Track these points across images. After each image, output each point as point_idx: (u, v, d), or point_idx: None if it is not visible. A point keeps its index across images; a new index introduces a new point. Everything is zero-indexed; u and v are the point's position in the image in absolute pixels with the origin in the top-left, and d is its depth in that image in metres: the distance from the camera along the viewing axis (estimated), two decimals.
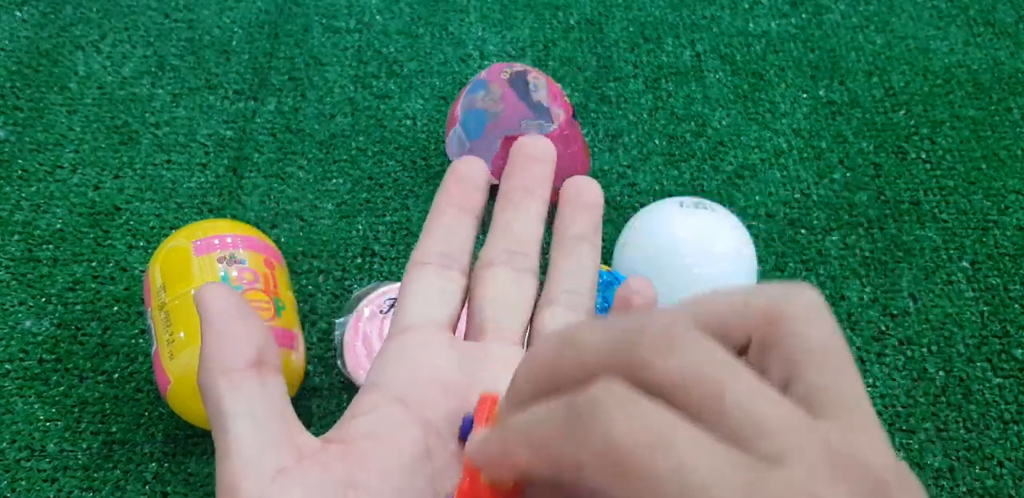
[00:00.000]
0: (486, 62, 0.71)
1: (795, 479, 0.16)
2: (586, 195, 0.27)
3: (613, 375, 0.18)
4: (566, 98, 0.59)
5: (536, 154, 0.28)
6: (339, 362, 0.53)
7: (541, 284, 0.27)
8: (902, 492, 0.17)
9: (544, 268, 0.28)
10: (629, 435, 0.16)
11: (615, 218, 0.62)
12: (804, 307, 0.19)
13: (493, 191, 0.28)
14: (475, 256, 0.27)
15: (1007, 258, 0.61)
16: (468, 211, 0.27)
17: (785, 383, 0.19)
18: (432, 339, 0.24)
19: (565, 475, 0.18)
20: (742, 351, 0.20)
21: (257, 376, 0.21)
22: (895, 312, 0.58)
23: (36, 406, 0.52)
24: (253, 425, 0.20)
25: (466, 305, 0.27)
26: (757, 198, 0.63)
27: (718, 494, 0.16)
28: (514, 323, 0.26)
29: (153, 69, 0.69)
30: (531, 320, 0.26)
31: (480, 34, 0.73)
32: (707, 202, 0.55)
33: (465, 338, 0.26)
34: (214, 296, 0.22)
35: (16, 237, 0.59)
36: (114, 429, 0.51)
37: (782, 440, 0.17)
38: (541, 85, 0.58)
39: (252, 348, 0.21)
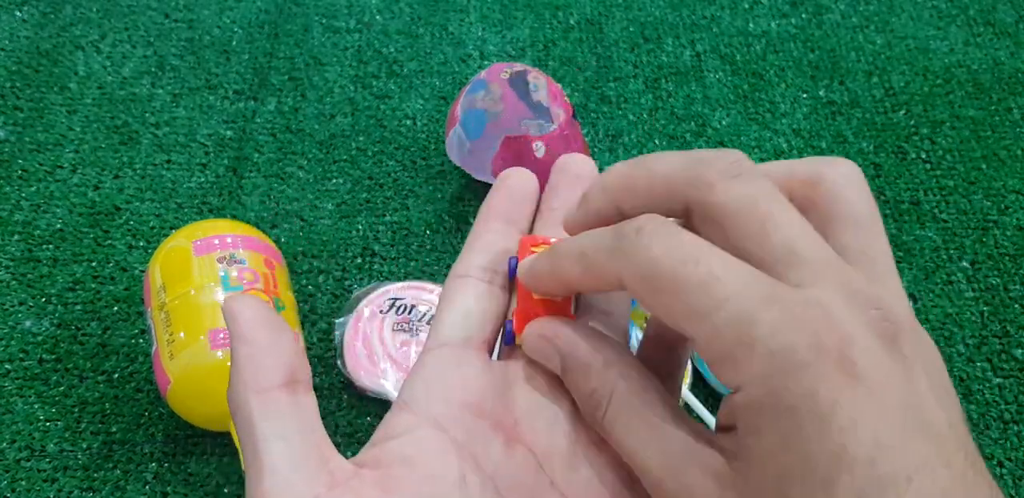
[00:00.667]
0: (486, 62, 0.71)
1: (813, 297, 0.18)
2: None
3: (678, 194, 0.20)
4: (566, 98, 0.59)
5: (581, 173, 0.27)
6: (339, 362, 0.53)
7: None
8: (912, 334, 0.19)
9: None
10: (666, 251, 0.18)
11: None
12: (844, 174, 0.21)
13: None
14: None
15: (1007, 258, 0.61)
16: (514, 225, 0.26)
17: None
18: (468, 358, 0.23)
19: (608, 288, 0.20)
20: None
21: (290, 396, 0.20)
22: None
23: (36, 406, 0.52)
24: (286, 448, 0.20)
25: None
26: None
27: (737, 302, 0.18)
28: None
29: (153, 69, 0.69)
30: None
31: (480, 34, 0.73)
32: None
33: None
34: (245, 308, 0.21)
35: (16, 237, 0.59)
36: (114, 429, 0.51)
37: (811, 270, 0.19)
38: (541, 85, 0.58)
39: (285, 366, 0.21)
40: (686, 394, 0.53)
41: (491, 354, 0.24)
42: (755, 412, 0.18)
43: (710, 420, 0.50)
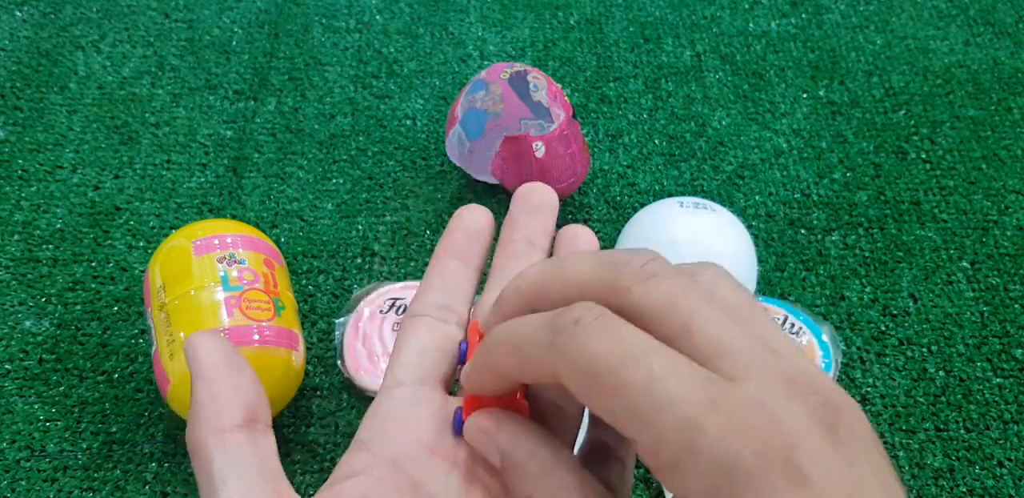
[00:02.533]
0: (486, 62, 0.71)
1: (752, 393, 0.18)
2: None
3: (594, 299, 0.19)
4: (566, 98, 0.59)
5: (542, 204, 0.27)
6: (339, 362, 0.53)
7: None
8: (848, 412, 0.19)
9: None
10: (604, 348, 0.18)
11: (615, 218, 0.62)
12: (713, 274, 0.21)
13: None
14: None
15: (1007, 258, 0.61)
16: (470, 263, 0.26)
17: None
18: (425, 397, 0.23)
19: (547, 382, 0.19)
20: None
21: (249, 435, 0.21)
22: (895, 312, 0.58)
23: (36, 406, 0.52)
24: (243, 488, 0.20)
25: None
26: (757, 198, 0.63)
27: (683, 406, 0.17)
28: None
29: (153, 69, 0.69)
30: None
31: (480, 34, 0.73)
32: (707, 202, 0.55)
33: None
34: (205, 345, 0.21)
35: (16, 237, 0.59)
36: (114, 429, 0.51)
37: (744, 362, 0.18)
38: (541, 85, 0.58)
39: (245, 405, 0.21)
40: None
41: (449, 392, 0.24)
42: None
43: None
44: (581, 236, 0.27)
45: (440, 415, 0.23)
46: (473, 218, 0.27)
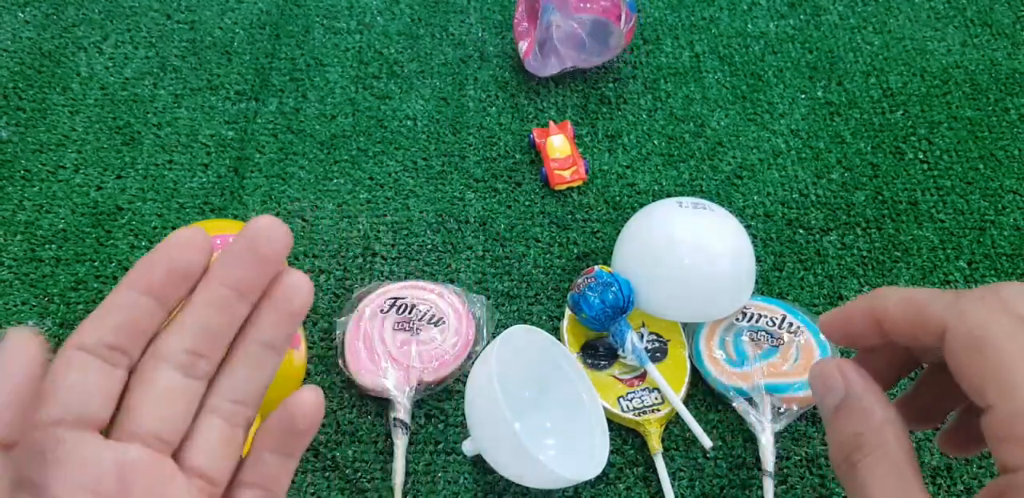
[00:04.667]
0: (486, 63, 0.71)
1: None
2: (294, 299, 0.25)
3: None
4: None
5: (269, 256, 0.24)
6: (340, 361, 0.53)
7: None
8: None
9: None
10: (996, 318, 0.20)
11: (614, 218, 0.62)
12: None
13: None
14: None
15: (1004, 258, 0.61)
16: (161, 303, 0.24)
17: None
18: (84, 439, 0.22)
19: (918, 337, 0.22)
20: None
21: None
22: None
23: None
24: None
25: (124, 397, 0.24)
26: (755, 198, 0.64)
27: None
28: (171, 431, 0.24)
29: (155, 70, 0.69)
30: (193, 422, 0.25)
31: (480, 35, 0.73)
32: (706, 202, 0.55)
33: (114, 435, 0.23)
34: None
35: (19, 237, 0.59)
36: None
37: None
38: None
39: None
40: (676, 404, 0.54)
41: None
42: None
43: (698, 431, 0.51)
44: (293, 291, 0.25)
45: (100, 458, 0.22)
46: (183, 255, 0.24)
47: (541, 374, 0.51)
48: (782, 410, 0.51)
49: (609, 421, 0.51)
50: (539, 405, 0.51)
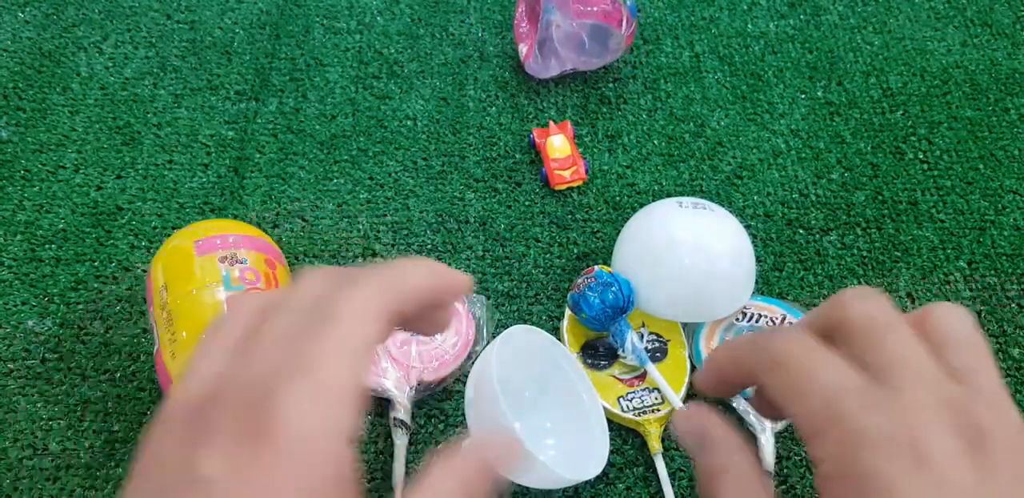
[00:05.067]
0: (486, 63, 0.71)
1: (902, 398, 0.22)
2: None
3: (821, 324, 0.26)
4: None
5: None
6: None
7: None
8: (1006, 445, 0.21)
9: None
10: (787, 346, 0.24)
11: (615, 218, 0.62)
12: (949, 308, 0.26)
13: None
14: None
15: (1004, 258, 0.61)
16: None
17: None
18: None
19: (747, 376, 0.26)
20: None
21: None
22: None
23: (39, 405, 0.52)
24: None
25: None
26: (755, 198, 0.64)
27: (833, 388, 0.22)
28: None
29: (155, 70, 0.69)
30: None
31: (480, 35, 0.73)
32: (706, 202, 0.55)
33: None
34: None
35: (19, 237, 0.59)
36: (116, 428, 0.51)
37: (912, 378, 0.23)
38: None
39: None
40: (671, 397, 0.54)
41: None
42: (833, 483, 0.21)
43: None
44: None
45: None
46: None
47: (541, 374, 0.51)
48: None
49: (609, 421, 0.51)
50: (539, 405, 0.51)
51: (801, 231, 0.62)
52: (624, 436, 0.52)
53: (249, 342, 0.24)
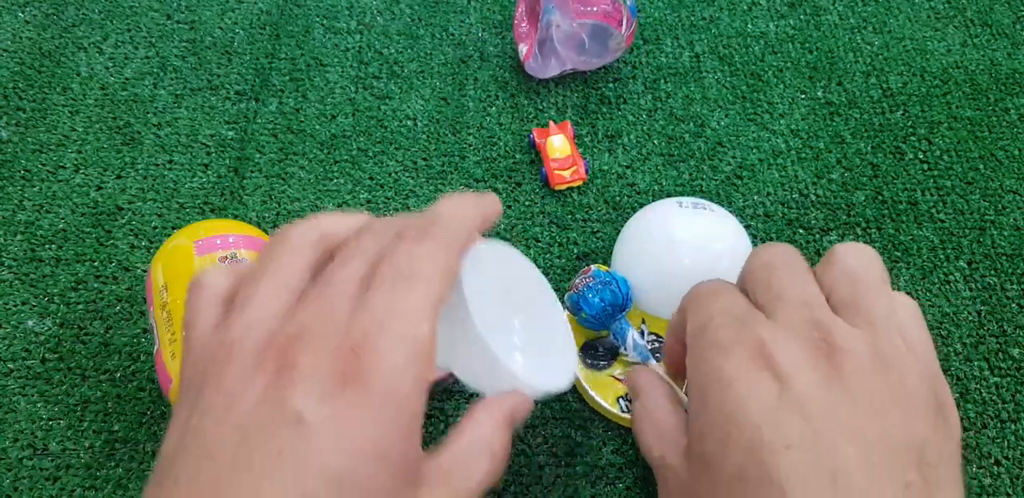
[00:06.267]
0: (486, 63, 0.71)
1: (767, 322, 0.26)
2: None
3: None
4: None
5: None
6: None
7: None
8: (853, 357, 0.24)
9: None
10: (698, 289, 0.31)
11: (614, 218, 0.62)
12: (851, 247, 0.29)
13: None
14: None
15: (1004, 258, 0.61)
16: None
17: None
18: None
19: (681, 330, 0.31)
20: None
21: None
22: None
23: (39, 405, 0.52)
24: None
25: None
26: (755, 198, 0.64)
27: (717, 313, 0.28)
28: None
29: (155, 70, 0.69)
30: None
31: (480, 35, 0.73)
32: (706, 202, 0.55)
33: None
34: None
35: (19, 237, 0.59)
36: (116, 428, 0.51)
37: (786, 307, 0.27)
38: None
39: None
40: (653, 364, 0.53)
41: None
42: (691, 396, 0.25)
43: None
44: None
45: None
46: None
47: (507, 290, 0.45)
48: None
49: (609, 421, 0.51)
50: (507, 326, 0.46)
51: (801, 231, 0.62)
52: (624, 436, 0.52)
53: (325, 287, 0.24)
